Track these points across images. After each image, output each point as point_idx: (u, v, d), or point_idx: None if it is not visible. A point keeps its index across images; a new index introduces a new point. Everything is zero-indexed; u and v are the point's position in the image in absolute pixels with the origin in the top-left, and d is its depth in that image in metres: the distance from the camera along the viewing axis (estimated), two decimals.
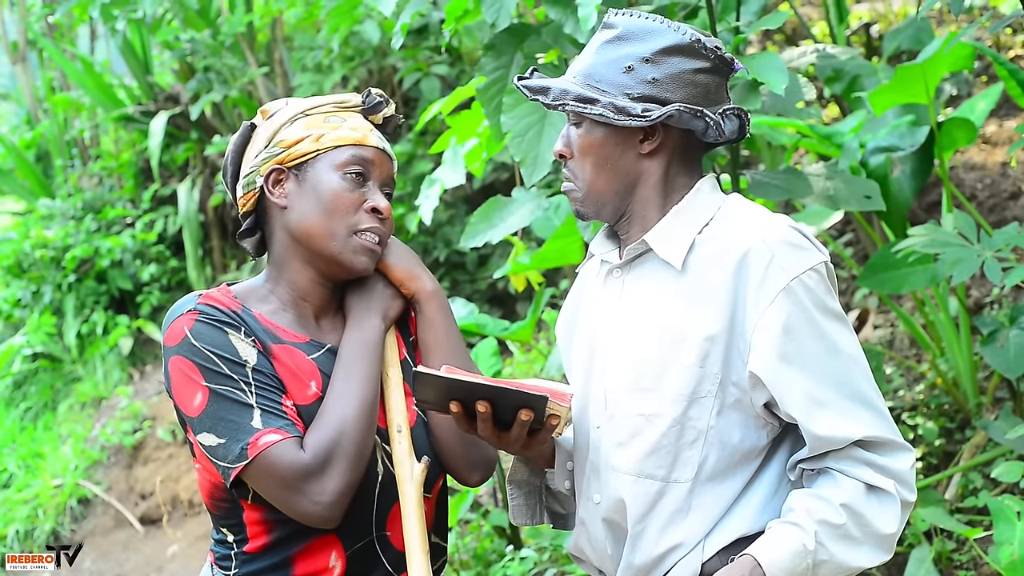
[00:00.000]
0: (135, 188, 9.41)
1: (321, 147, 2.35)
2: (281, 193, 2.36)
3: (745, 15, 3.96)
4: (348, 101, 2.43)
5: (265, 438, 2.20)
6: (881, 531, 2.11)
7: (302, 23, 8.46)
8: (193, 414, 2.24)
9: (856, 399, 2.13)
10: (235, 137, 2.43)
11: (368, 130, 2.40)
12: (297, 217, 2.34)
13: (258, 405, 2.22)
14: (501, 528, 4.99)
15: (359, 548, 2.31)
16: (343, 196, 2.33)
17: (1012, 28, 6.42)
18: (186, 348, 2.24)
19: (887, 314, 5.45)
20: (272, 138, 2.38)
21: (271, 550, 2.29)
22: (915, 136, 4.49)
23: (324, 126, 2.37)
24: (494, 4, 3.54)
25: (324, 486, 2.20)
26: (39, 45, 10.18)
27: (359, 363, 2.31)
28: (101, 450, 7.79)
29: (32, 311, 8.97)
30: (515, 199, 4.08)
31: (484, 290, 7.46)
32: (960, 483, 4.31)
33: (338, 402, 2.26)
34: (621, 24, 2.24)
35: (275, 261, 2.39)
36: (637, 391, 2.19)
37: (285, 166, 2.36)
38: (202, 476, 2.33)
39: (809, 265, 2.15)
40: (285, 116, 2.39)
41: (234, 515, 2.30)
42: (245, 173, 2.39)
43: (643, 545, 2.20)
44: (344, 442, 2.23)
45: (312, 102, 2.41)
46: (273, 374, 2.27)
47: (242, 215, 2.42)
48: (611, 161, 2.23)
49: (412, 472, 2.31)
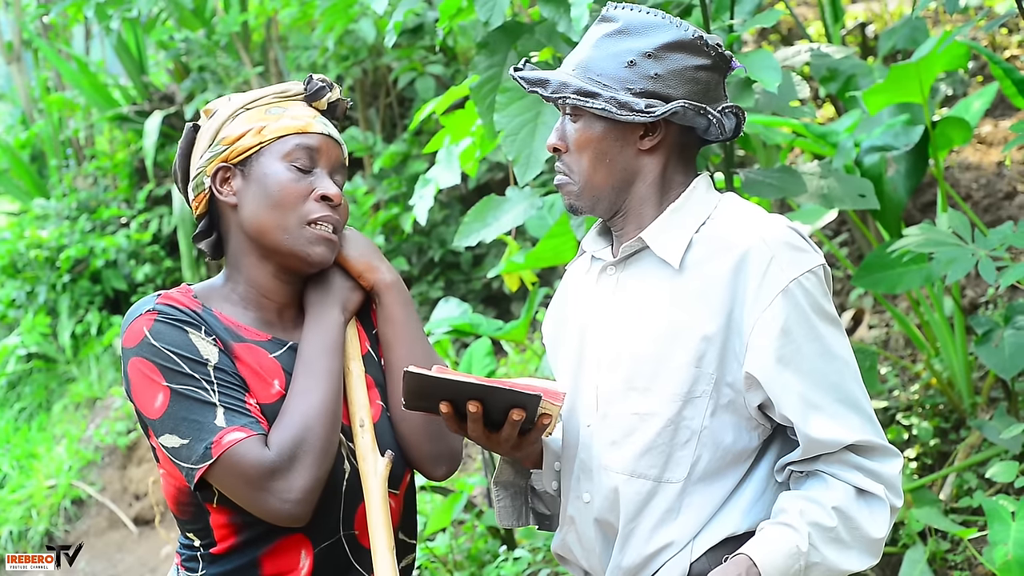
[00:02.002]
0: (130, 188, 9.40)
1: (264, 139, 2.30)
2: (229, 191, 2.32)
3: (739, 14, 3.95)
4: (289, 90, 2.38)
5: (229, 436, 2.16)
6: (871, 535, 2.11)
7: (297, 23, 8.44)
8: (154, 416, 2.20)
9: (848, 403, 2.13)
10: (181, 140, 2.39)
11: (311, 117, 2.35)
12: (248, 214, 2.30)
13: (221, 404, 2.18)
14: (495, 529, 4.98)
15: (327, 547, 2.28)
16: (290, 187, 2.28)
17: (1008, 28, 6.41)
18: (145, 349, 2.20)
19: (882, 314, 5.44)
20: (215, 136, 2.34)
21: (238, 551, 2.26)
22: (910, 135, 4.49)
23: (266, 117, 2.32)
24: (487, 2, 3.53)
25: (291, 483, 2.17)
26: (34, 45, 10.16)
27: (320, 358, 2.27)
28: (95, 450, 7.77)
29: (26, 311, 8.96)
30: (509, 198, 4.07)
31: (479, 290, 7.45)
32: (955, 483, 4.30)
33: (301, 398, 2.22)
34: (622, 18, 2.22)
35: (232, 261, 2.35)
36: (631, 390, 2.18)
37: (231, 163, 2.31)
38: (167, 481, 2.29)
39: (808, 267, 2.14)
40: (226, 113, 2.35)
41: (200, 519, 2.27)
42: (193, 175, 2.35)
43: (633, 545, 2.19)
44: (309, 438, 2.19)
45: (253, 95, 2.36)
46: (235, 373, 2.23)
47: (196, 218, 2.38)
48: (609, 156, 2.21)
49: (376, 467, 2.27)
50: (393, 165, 7.68)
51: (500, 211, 4.05)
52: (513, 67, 2.31)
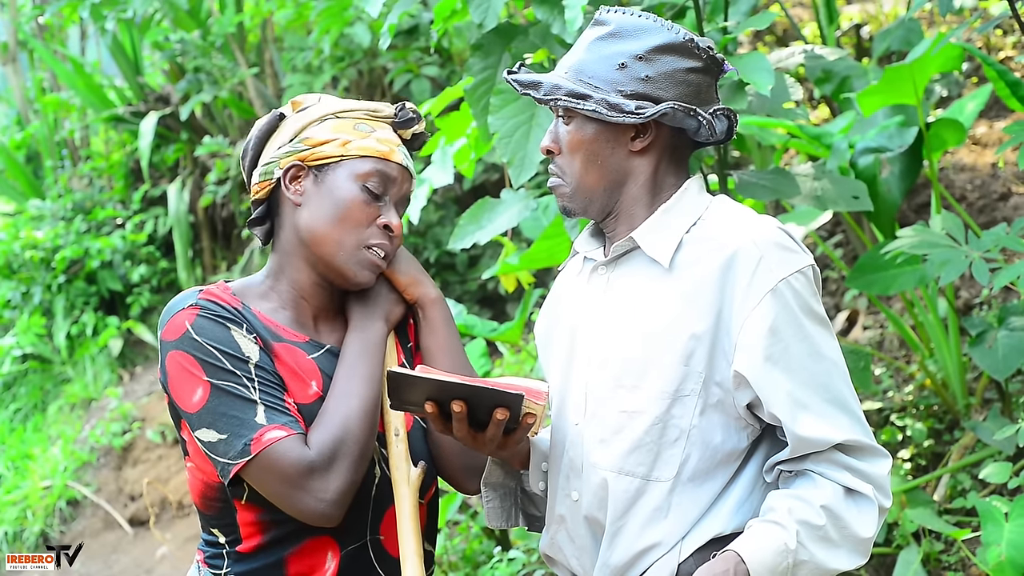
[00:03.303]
0: (125, 189, 9.39)
1: (346, 153, 2.32)
2: (297, 190, 2.33)
3: (734, 16, 3.96)
4: (380, 111, 2.39)
5: (270, 434, 2.18)
6: (859, 534, 2.12)
7: (292, 24, 8.44)
8: (192, 410, 2.21)
9: (836, 403, 2.14)
10: (261, 122, 2.39)
11: (396, 145, 2.37)
12: (308, 217, 2.32)
13: (262, 401, 2.21)
14: (489, 530, 4.98)
15: (353, 550, 2.31)
16: (358, 208, 2.31)
17: (1003, 29, 6.42)
18: (187, 343, 2.22)
19: (876, 315, 5.45)
20: (299, 133, 2.35)
21: (264, 550, 2.27)
22: (904, 137, 4.49)
23: (353, 132, 2.34)
24: (482, 4, 3.54)
25: (328, 484, 2.19)
26: (29, 46, 10.16)
27: (362, 363, 2.30)
28: (91, 451, 7.77)
29: (22, 312, 8.95)
30: (503, 200, 4.08)
31: (475, 291, 7.45)
32: (949, 484, 4.31)
33: (342, 400, 2.25)
34: (614, 21, 2.24)
35: (279, 255, 2.37)
36: (620, 388, 2.19)
37: (306, 164, 2.33)
38: (194, 475, 2.31)
39: (797, 267, 2.15)
40: (315, 114, 2.36)
41: (226, 515, 2.28)
42: (265, 162, 2.36)
43: (621, 543, 2.20)
44: (349, 440, 2.22)
45: (345, 104, 2.37)
46: (275, 371, 2.26)
47: (253, 202, 2.39)
48: (601, 158, 2.23)
49: (408, 475, 2.31)
50: None
51: (495, 213, 4.05)
52: (507, 70, 2.32)
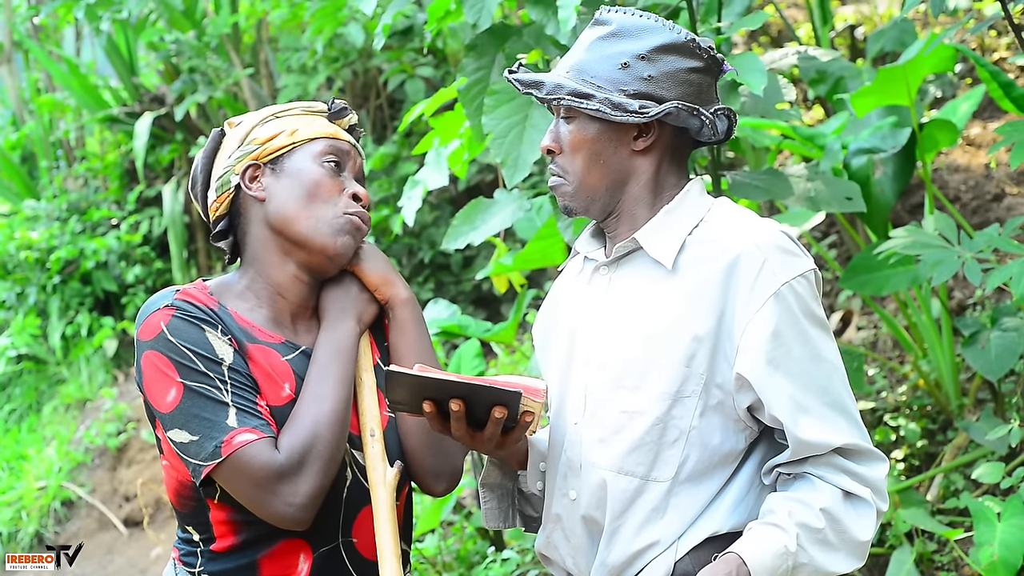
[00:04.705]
0: (120, 189, 9.38)
1: (296, 140, 2.38)
2: (258, 187, 2.37)
3: (729, 16, 3.96)
4: (314, 106, 2.47)
5: (240, 437, 2.18)
6: (857, 537, 2.13)
7: (287, 24, 8.44)
8: (165, 410, 2.22)
9: (836, 407, 2.15)
10: (205, 145, 2.45)
11: (338, 129, 2.44)
12: (277, 206, 2.34)
13: (233, 404, 2.21)
14: (484, 530, 4.98)
15: (325, 552, 2.31)
16: (325, 183, 2.35)
17: (996, 30, 6.43)
18: (161, 343, 2.23)
19: (870, 315, 5.46)
20: (245, 138, 2.40)
21: (238, 551, 2.28)
22: (897, 138, 4.50)
23: (297, 122, 2.41)
24: (476, 5, 3.54)
25: (297, 487, 2.20)
26: (24, 46, 10.15)
27: (333, 365, 2.30)
28: (85, 452, 7.76)
29: (16, 312, 8.95)
30: (497, 200, 4.08)
31: (469, 292, 7.45)
32: (942, 484, 4.31)
33: (312, 404, 2.25)
34: (615, 21, 2.24)
35: (251, 257, 2.39)
36: (621, 388, 2.20)
37: (261, 161, 2.37)
38: (169, 473, 2.32)
39: (799, 271, 2.16)
40: (256, 118, 2.43)
41: (200, 514, 2.29)
42: (218, 175, 2.40)
43: (619, 542, 2.20)
44: (319, 444, 2.22)
45: (281, 106, 2.45)
46: (248, 373, 2.26)
47: (214, 221, 2.42)
48: (604, 157, 2.23)
49: (385, 476, 2.30)
50: (383, 167, 7.69)
51: (489, 213, 4.06)
52: (507, 69, 2.33)
